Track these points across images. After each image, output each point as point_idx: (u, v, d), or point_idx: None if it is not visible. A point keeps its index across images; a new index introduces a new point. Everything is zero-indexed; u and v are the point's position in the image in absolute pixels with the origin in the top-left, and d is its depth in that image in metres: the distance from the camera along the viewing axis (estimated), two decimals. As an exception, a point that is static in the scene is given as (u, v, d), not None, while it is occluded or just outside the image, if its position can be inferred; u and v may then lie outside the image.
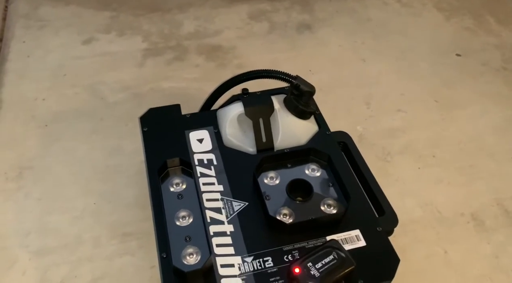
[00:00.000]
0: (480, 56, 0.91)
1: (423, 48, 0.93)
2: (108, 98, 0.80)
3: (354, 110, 0.79)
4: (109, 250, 0.60)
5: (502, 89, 0.84)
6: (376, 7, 1.03)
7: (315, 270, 0.44)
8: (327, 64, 0.88)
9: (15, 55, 0.87)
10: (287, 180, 0.53)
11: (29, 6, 0.98)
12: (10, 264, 0.58)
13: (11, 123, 0.75)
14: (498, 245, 0.62)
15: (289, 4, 1.02)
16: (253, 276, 0.46)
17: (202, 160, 0.56)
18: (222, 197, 0.52)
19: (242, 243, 0.48)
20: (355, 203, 0.52)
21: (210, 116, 0.61)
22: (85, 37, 0.91)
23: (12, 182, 0.67)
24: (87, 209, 0.64)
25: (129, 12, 0.98)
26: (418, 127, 0.77)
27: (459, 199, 0.67)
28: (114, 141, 0.72)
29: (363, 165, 0.59)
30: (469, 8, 1.03)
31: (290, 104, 0.58)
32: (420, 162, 0.72)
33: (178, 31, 0.94)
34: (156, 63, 0.87)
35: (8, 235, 0.61)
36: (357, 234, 0.50)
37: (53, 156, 0.70)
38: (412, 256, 0.60)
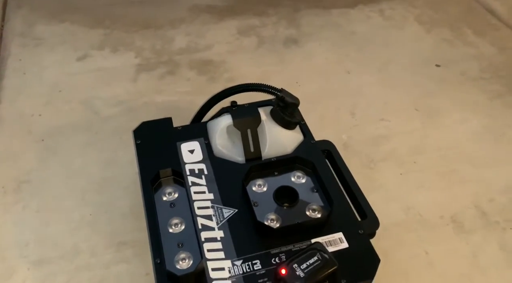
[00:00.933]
0: (459, 66, 0.95)
1: (405, 59, 0.97)
2: (102, 112, 0.83)
3: (340, 119, 0.83)
4: (105, 258, 0.62)
5: (479, 97, 0.89)
6: (359, 21, 1.07)
7: (300, 270, 0.47)
8: (313, 76, 0.92)
9: (11, 72, 0.90)
10: (274, 187, 0.56)
11: (24, 25, 1.02)
12: (10, 274, 0.60)
13: (9, 138, 0.78)
14: (476, 246, 0.65)
15: (277, 20, 1.06)
16: (243, 278, 0.49)
17: (194, 170, 0.59)
18: (212, 205, 0.55)
19: (232, 248, 0.51)
20: (338, 207, 0.55)
21: (200, 128, 0.64)
22: (79, 54, 0.95)
23: (10, 195, 0.69)
24: (84, 219, 0.66)
25: (122, 29, 1.02)
26: (400, 135, 0.81)
27: (439, 202, 0.70)
28: (109, 154, 0.75)
29: (346, 171, 0.62)
30: (448, 21, 1.08)
31: (276, 115, 0.62)
32: (402, 168, 0.75)
33: (170, 46, 0.98)
34: (149, 78, 0.90)
35: (7, 246, 0.63)
36: (340, 236, 0.53)
37: (50, 170, 0.73)
38: (395, 257, 0.63)
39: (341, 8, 1.10)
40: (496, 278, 0.61)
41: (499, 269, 0.62)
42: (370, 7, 1.11)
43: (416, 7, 1.11)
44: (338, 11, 1.09)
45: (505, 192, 0.72)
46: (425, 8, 1.11)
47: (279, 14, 1.08)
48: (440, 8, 1.12)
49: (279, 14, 1.08)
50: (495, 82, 0.92)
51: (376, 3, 1.12)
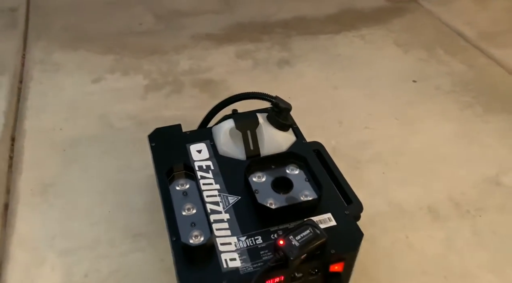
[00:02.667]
0: (433, 81, 1.07)
1: (385, 76, 1.09)
2: (116, 125, 0.92)
3: (328, 128, 0.93)
4: (123, 248, 0.70)
5: (452, 107, 1.00)
6: (344, 45, 1.19)
7: (296, 241, 0.56)
8: (304, 91, 1.03)
9: (34, 94, 1.00)
10: (272, 178, 0.66)
11: (43, 54, 1.13)
12: (41, 262, 0.68)
13: (34, 149, 0.87)
14: (451, 231, 0.74)
15: (270, 45, 1.19)
16: (247, 250, 0.57)
17: (202, 166, 0.68)
18: (219, 193, 0.64)
19: (237, 227, 0.60)
20: (326, 193, 0.64)
21: (206, 132, 0.74)
22: (94, 77, 1.06)
23: (37, 197, 0.78)
24: (103, 216, 0.75)
25: (131, 55, 1.14)
26: (382, 140, 0.91)
27: (418, 196, 0.80)
28: (123, 161, 0.84)
29: (334, 166, 0.71)
30: (423, 43, 1.20)
31: (272, 119, 0.72)
32: (385, 168, 0.85)
33: (175, 69, 1.09)
34: (157, 96, 1.01)
35: (37, 239, 0.71)
36: (329, 216, 0.61)
37: (72, 175, 0.82)
38: (379, 241, 0.71)
39: (327, 34, 1.23)
40: (468, 257, 0.70)
41: (471, 250, 0.71)
42: (353, 33, 1.24)
43: (394, 32, 1.24)
44: (324, 37, 1.22)
45: (474, 186, 0.81)
46: (401, 32, 1.24)
47: (272, 40, 1.20)
48: (415, 32, 1.25)
49: (272, 40, 1.20)
50: (465, 95, 1.03)
51: (357, 30, 1.25)
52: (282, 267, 0.55)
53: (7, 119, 0.93)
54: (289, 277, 0.57)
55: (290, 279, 0.58)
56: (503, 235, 0.73)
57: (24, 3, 1.30)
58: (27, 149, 0.87)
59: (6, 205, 0.77)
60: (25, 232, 0.72)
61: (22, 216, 0.75)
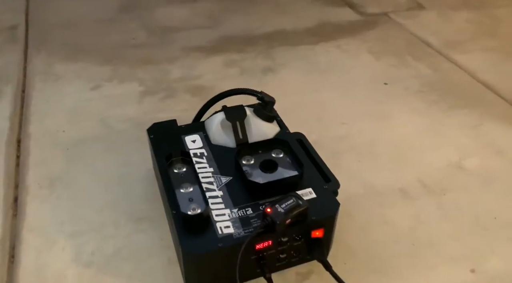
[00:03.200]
0: (403, 83, 1.18)
1: (360, 80, 1.20)
2: (116, 127, 1.00)
3: (309, 124, 1.02)
4: (126, 230, 0.77)
5: (419, 105, 1.11)
6: (322, 54, 1.31)
7: (281, 208, 0.64)
8: (287, 94, 1.12)
9: (37, 101, 1.08)
10: (259, 160, 0.74)
11: (44, 65, 1.21)
12: (52, 244, 0.74)
13: (39, 149, 0.94)
14: (419, 207, 0.83)
15: (255, 55, 1.29)
16: (239, 219, 0.65)
17: (196, 153, 0.76)
18: (213, 175, 0.72)
19: (229, 201, 0.68)
20: (307, 172, 0.72)
21: (199, 125, 0.83)
22: (92, 85, 1.14)
23: (45, 189, 0.85)
24: (107, 204, 0.82)
25: (126, 65, 1.23)
26: (358, 134, 1.01)
27: (390, 180, 0.89)
28: (124, 157, 0.92)
29: (314, 152, 0.80)
30: (392, 51, 1.33)
31: (258, 111, 0.81)
32: (360, 157, 0.94)
33: (168, 77, 1.18)
34: (152, 101, 1.09)
35: (47, 225, 0.78)
36: (310, 190, 0.70)
37: (76, 170, 0.89)
38: (355, 217, 0.80)
39: (306, 45, 1.35)
40: (434, 228, 0.79)
41: (436, 222, 0.80)
42: (330, 43, 1.36)
43: (367, 42, 1.37)
44: (304, 47, 1.33)
45: (440, 170, 0.91)
46: (374, 42, 1.37)
47: (256, 50, 1.31)
48: (387, 42, 1.38)
49: (256, 51, 1.31)
50: (431, 94, 1.14)
51: (334, 41, 1.37)
52: (270, 231, 0.63)
53: (13, 123, 1.01)
54: (276, 242, 0.65)
55: (278, 244, 0.66)
56: (464, 210, 0.83)
57: (23, 22, 1.39)
58: (32, 149, 0.94)
59: (16, 198, 0.84)
60: (35, 220, 0.79)
61: (31, 207, 0.81)
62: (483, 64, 1.27)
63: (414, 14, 1.55)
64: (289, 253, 0.68)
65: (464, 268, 0.73)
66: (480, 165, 0.93)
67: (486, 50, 1.34)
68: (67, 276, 0.70)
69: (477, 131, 1.02)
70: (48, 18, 1.42)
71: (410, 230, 0.79)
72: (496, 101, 1.13)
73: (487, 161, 0.94)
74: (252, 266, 0.66)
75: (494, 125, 1.04)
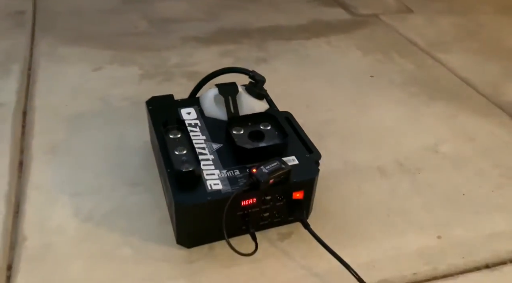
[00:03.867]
0: (387, 77, 1.26)
1: (347, 73, 1.27)
2: (115, 104, 1.07)
3: (298, 110, 1.07)
4: (122, 192, 0.83)
5: (402, 96, 1.18)
6: (313, 48, 1.39)
7: (265, 169, 0.70)
8: (278, 83, 1.19)
9: (42, 78, 1.14)
10: (248, 131, 0.81)
11: (49, 48, 1.28)
12: (53, 201, 0.80)
13: (43, 120, 1.00)
14: (394, 184, 0.90)
15: (249, 47, 1.37)
16: (227, 178, 0.72)
17: (191, 123, 0.83)
18: (205, 142, 0.79)
19: (219, 164, 0.75)
20: (291, 143, 0.79)
21: (195, 100, 0.90)
22: (94, 67, 1.21)
23: (48, 155, 0.91)
24: (105, 171, 0.88)
25: (127, 51, 1.30)
26: (342, 119, 1.08)
27: (369, 159, 0.96)
28: (122, 130, 0.98)
29: (299, 128, 0.87)
30: (380, 48, 1.41)
31: (249, 89, 0.88)
32: (343, 140, 1.01)
33: (166, 63, 1.25)
34: (150, 83, 1.16)
35: (49, 185, 0.84)
36: (293, 158, 0.77)
37: (77, 140, 0.95)
38: (335, 189, 0.87)
39: (298, 40, 1.42)
40: (407, 201, 0.86)
41: (409, 196, 0.87)
42: (321, 39, 1.43)
43: (356, 39, 1.45)
44: (296, 42, 1.41)
45: (416, 152, 0.99)
46: (362, 40, 1.45)
47: (251, 43, 1.39)
48: (375, 40, 1.46)
49: (251, 43, 1.38)
50: (413, 87, 1.22)
51: (325, 37, 1.45)
52: (255, 188, 0.70)
53: (19, 97, 1.07)
54: (260, 200, 0.72)
55: (261, 202, 0.72)
56: (435, 186, 0.90)
57: (31, 8, 1.46)
58: (37, 120, 1.00)
59: (21, 162, 0.90)
60: (38, 180, 0.85)
61: (35, 169, 0.87)
62: (463, 63, 1.35)
63: (402, 17, 1.64)
64: (272, 212, 0.75)
65: (431, 235, 0.80)
66: (453, 149, 1.01)
67: (467, 51, 1.43)
68: (67, 229, 0.76)
69: (453, 120, 1.10)
70: (55, 5, 1.48)
71: (385, 202, 0.86)
72: (473, 95, 1.21)
73: (459, 146, 1.01)
74: (238, 222, 0.73)
75: (469, 116, 1.12)
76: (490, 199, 0.88)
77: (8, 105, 1.03)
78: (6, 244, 0.73)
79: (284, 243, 0.77)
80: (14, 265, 0.70)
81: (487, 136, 1.05)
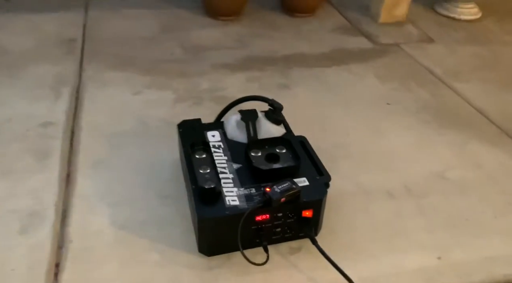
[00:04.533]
0: (403, 104, 1.33)
1: (364, 99, 1.36)
2: (151, 124, 1.20)
3: (314, 133, 1.16)
4: (154, 203, 0.95)
5: (414, 123, 1.25)
6: (333, 75, 1.48)
7: (278, 189, 0.80)
8: (298, 107, 1.29)
9: (88, 100, 1.29)
10: (265, 153, 0.91)
11: (95, 73, 1.43)
12: (94, 210, 0.93)
13: (88, 138, 1.14)
14: (400, 205, 0.97)
15: (273, 73, 1.48)
16: (244, 196, 0.82)
17: (215, 145, 0.94)
18: (226, 162, 0.89)
19: (238, 182, 0.85)
20: (304, 166, 0.88)
21: (219, 124, 1.01)
22: (134, 90, 1.35)
23: (91, 169, 1.04)
24: (140, 184, 1.00)
25: (163, 77, 1.43)
26: (356, 144, 1.16)
27: (379, 183, 1.03)
28: (156, 148, 1.10)
29: (312, 151, 0.96)
30: (397, 76, 1.48)
31: (268, 115, 0.98)
32: (354, 163, 1.09)
33: (197, 87, 1.38)
34: (182, 106, 1.29)
35: (91, 195, 0.96)
36: (304, 179, 0.86)
37: (117, 156, 1.08)
38: (343, 210, 0.95)
39: (320, 67, 1.52)
40: (410, 222, 0.93)
41: (413, 219, 0.94)
42: (342, 67, 1.53)
43: (375, 67, 1.53)
44: (318, 69, 1.51)
45: (424, 178, 1.05)
46: (382, 68, 1.53)
47: (275, 69, 1.50)
48: (393, 68, 1.53)
49: (275, 70, 1.49)
50: (426, 115, 1.29)
51: (346, 65, 1.54)
52: (268, 205, 0.79)
53: (68, 117, 1.22)
54: (273, 216, 0.81)
55: (274, 218, 0.82)
56: (440, 210, 0.96)
57: (81, 36, 1.63)
58: (83, 138, 1.14)
59: (68, 175, 1.03)
60: (82, 191, 0.98)
61: (80, 181, 1.00)
62: (479, 92, 1.41)
63: (423, 46, 1.71)
64: (284, 228, 0.84)
65: (431, 255, 0.86)
66: (460, 176, 1.06)
67: (484, 80, 1.48)
68: (106, 234, 0.88)
69: (462, 148, 1.16)
70: (102, 33, 1.65)
71: (389, 222, 0.93)
72: (485, 124, 1.26)
73: (467, 173, 1.07)
74: (253, 235, 0.82)
75: (479, 144, 1.17)
76: (492, 224, 0.93)
77: (58, 124, 1.18)
78: (55, 245, 0.86)
79: (294, 256, 0.85)
80: (61, 263, 0.83)
81: (495, 164, 1.10)
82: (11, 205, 0.93)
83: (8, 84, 1.33)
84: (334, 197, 0.94)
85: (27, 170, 1.02)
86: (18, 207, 0.93)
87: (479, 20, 1.93)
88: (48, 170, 1.03)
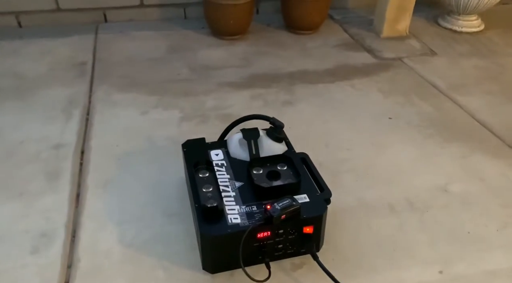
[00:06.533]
0: (405, 118, 1.35)
1: (367, 114, 1.37)
2: (158, 143, 1.23)
3: (317, 149, 1.20)
4: (160, 221, 0.98)
5: (417, 137, 1.26)
6: (337, 91, 1.50)
7: (278, 206, 0.82)
8: (301, 124, 1.32)
9: (97, 121, 1.34)
10: (267, 171, 0.93)
11: (105, 94, 1.48)
12: (103, 228, 0.96)
13: (98, 158, 1.18)
14: (402, 220, 0.98)
15: (277, 90, 1.51)
16: (245, 213, 0.84)
17: (218, 163, 0.97)
18: (229, 180, 0.92)
19: (239, 200, 0.87)
20: (304, 182, 0.90)
21: (222, 143, 1.04)
22: (141, 111, 1.39)
23: (100, 189, 1.07)
24: (147, 202, 1.03)
25: (170, 96, 1.47)
26: (359, 158, 1.18)
27: (381, 197, 1.05)
28: (162, 167, 1.14)
29: (314, 168, 0.98)
30: (400, 91, 1.50)
31: (269, 133, 1.01)
32: (357, 177, 1.11)
33: (203, 106, 1.41)
34: (189, 125, 1.32)
35: (100, 214, 1.00)
36: (304, 196, 0.88)
37: (125, 175, 1.12)
38: (346, 224, 0.96)
39: (324, 83, 1.55)
40: (412, 237, 0.93)
41: (415, 233, 0.95)
42: (345, 83, 1.55)
43: (378, 82, 1.55)
44: (322, 85, 1.54)
45: (426, 191, 1.06)
46: (385, 82, 1.55)
47: (279, 86, 1.53)
48: (396, 82, 1.55)
49: (279, 87, 1.52)
50: (429, 128, 1.30)
51: (349, 80, 1.56)
52: (268, 223, 0.81)
53: (78, 138, 1.26)
54: (274, 233, 0.83)
55: (275, 235, 0.84)
56: (442, 224, 0.97)
57: (91, 59, 1.69)
58: (92, 158, 1.18)
59: (77, 195, 1.07)
60: (91, 210, 1.01)
61: (89, 201, 1.04)
62: (482, 105, 1.41)
63: (426, 60, 1.73)
64: (285, 244, 0.86)
65: (433, 269, 0.87)
66: (462, 189, 1.07)
67: (487, 93, 1.49)
68: (114, 252, 0.91)
69: (465, 161, 1.16)
70: (111, 56, 1.71)
71: (391, 236, 0.94)
72: (488, 137, 1.26)
73: (469, 186, 1.08)
74: (255, 252, 0.84)
75: (481, 157, 1.18)
76: (494, 238, 0.94)
77: (69, 146, 1.23)
78: (64, 264, 0.89)
79: (296, 272, 0.87)
80: (70, 282, 0.85)
81: (497, 177, 1.11)
82: (23, 225, 0.97)
83: (22, 108, 1.39)
84: (336, 212, 0.96)
85: (39, 191, 1.07)
86: (30, 227, 0.97)
87: (482, 33, 1.94)
88: (59, 191, 1.07)
